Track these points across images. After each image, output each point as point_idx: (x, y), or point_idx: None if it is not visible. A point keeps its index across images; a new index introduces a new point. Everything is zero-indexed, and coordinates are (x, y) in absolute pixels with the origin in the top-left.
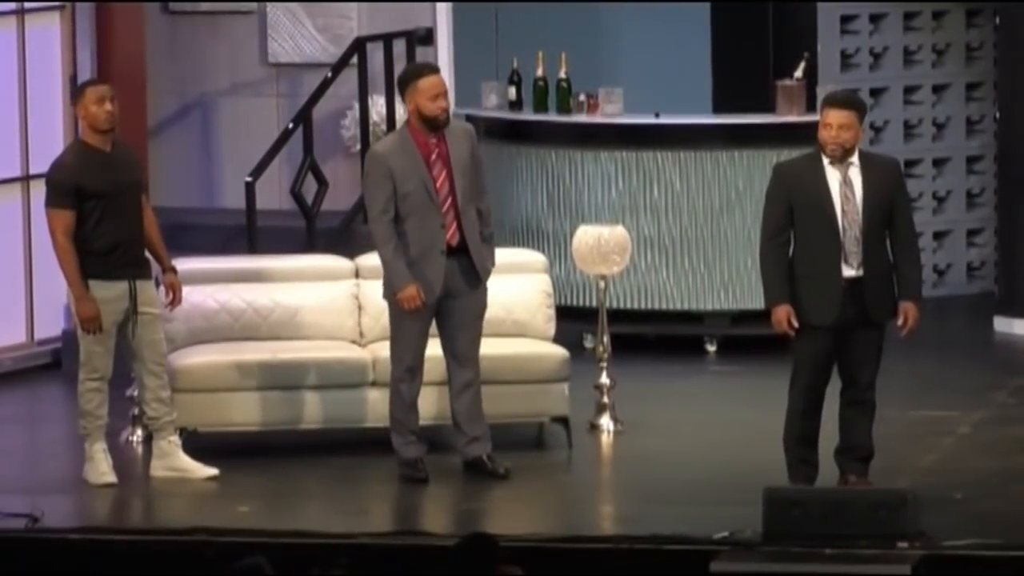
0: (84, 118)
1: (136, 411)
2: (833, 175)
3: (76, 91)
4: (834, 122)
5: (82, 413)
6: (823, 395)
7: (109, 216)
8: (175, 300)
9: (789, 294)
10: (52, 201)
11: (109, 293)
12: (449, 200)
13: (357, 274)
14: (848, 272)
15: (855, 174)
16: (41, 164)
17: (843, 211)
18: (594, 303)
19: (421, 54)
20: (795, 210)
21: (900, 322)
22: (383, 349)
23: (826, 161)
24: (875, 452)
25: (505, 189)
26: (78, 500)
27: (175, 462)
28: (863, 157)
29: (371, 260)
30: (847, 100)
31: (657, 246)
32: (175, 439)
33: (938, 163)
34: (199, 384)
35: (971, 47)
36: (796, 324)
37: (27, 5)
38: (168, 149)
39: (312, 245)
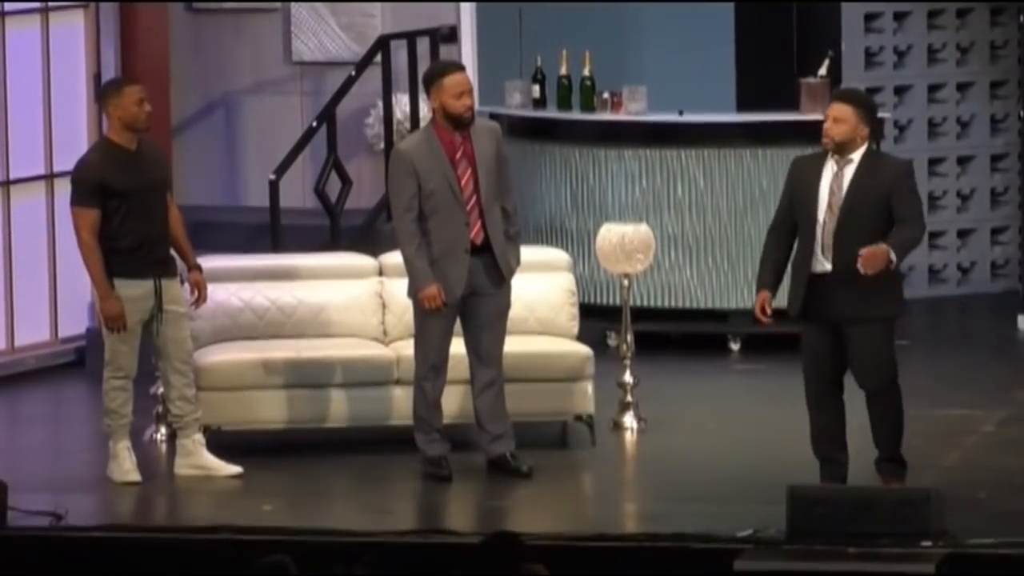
0: (120, 117)
1: (160, 409)
2: (828, 170)
3: (107, 89)
4: (829, 115)
5: (107, 411)
6: (829, 392)
7: (134, 214)
8: (200, 298)
9: (773, 283)
10: (77, 199)
11: (135, 291)
12: (473, 199)
13: (381, 272)
14: (818, 267)
15: (849, 171)
16: (65, 162)
17: (828, 206)
18: (618, 301)
19: (445, 52)
20: (793, 203)
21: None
22: (407, 347)
23: (829, 156)
24: (901, 453)
25: (529, 187)
26: (102, 498)
27: (199, 460)
28: (869, 156)
29: (395, 258)
30: (844, 94)
31: (681, 244)
32: (199, 437)
33: (962, 161)
34: (223, 382)
35: (995, 45)
36: (768, 311)
37: (51, 3)
38: (192, 147)
39: (336, 243)
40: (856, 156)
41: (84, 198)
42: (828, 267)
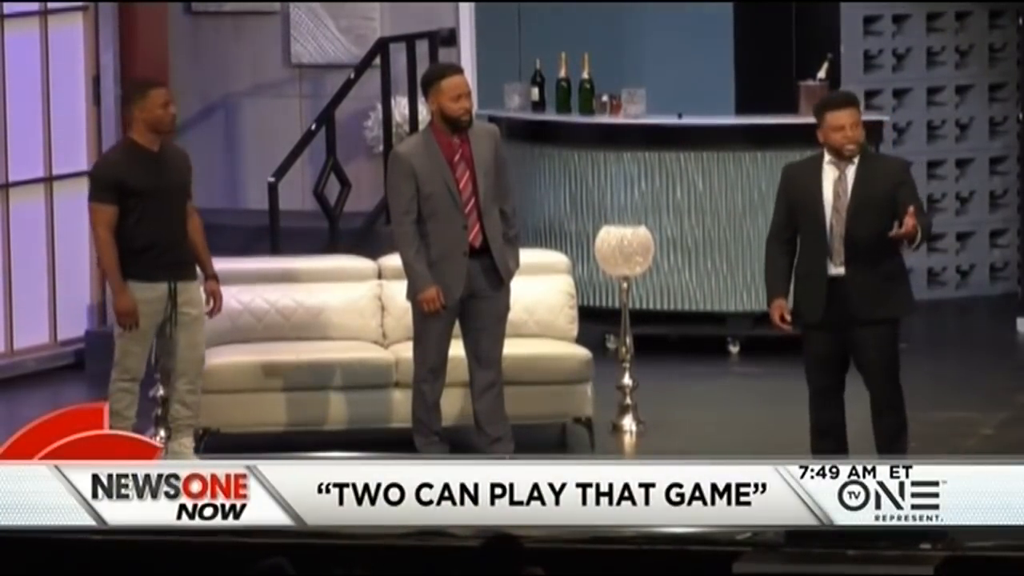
0: (145, 119)
1: (160, 411)
2: (829, 174)
3: (132, 91)
4: (847, 122)
5: (110, 412)
6: (831, 397)
7: (150, 216)
8: (215, 308)
9: (786, 290)
10: (94, 195)
11: (147, 294)
12: (472, 201)
13: (380, 275)
14: (832, 271)
15: (851, 173)
16: (64, 165)
17: (834, 209)
18: (616, 304)
19: (444, 55)
20: (794, 210)
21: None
22: (406, 350)
23: (825, 160)
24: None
25: (528, 190)
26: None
27: None
28: (868, 157)
29: (394, 261)
30: (849, 98)
31: (680, 247)
32: (187, 442)
33: (961, 164)
34: (222, 385)
35: (994, 48)
36: (788, 318)
37: (50, 6)
38: (191, 150)
39: (335, 246)
40: (855, 158)
41: (102, 194)
42: (839, 271)
